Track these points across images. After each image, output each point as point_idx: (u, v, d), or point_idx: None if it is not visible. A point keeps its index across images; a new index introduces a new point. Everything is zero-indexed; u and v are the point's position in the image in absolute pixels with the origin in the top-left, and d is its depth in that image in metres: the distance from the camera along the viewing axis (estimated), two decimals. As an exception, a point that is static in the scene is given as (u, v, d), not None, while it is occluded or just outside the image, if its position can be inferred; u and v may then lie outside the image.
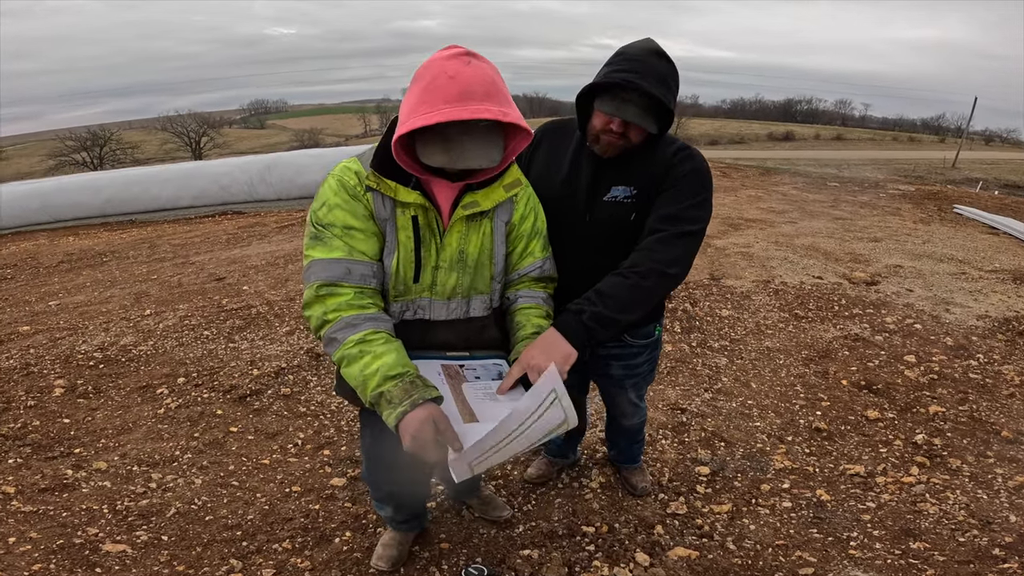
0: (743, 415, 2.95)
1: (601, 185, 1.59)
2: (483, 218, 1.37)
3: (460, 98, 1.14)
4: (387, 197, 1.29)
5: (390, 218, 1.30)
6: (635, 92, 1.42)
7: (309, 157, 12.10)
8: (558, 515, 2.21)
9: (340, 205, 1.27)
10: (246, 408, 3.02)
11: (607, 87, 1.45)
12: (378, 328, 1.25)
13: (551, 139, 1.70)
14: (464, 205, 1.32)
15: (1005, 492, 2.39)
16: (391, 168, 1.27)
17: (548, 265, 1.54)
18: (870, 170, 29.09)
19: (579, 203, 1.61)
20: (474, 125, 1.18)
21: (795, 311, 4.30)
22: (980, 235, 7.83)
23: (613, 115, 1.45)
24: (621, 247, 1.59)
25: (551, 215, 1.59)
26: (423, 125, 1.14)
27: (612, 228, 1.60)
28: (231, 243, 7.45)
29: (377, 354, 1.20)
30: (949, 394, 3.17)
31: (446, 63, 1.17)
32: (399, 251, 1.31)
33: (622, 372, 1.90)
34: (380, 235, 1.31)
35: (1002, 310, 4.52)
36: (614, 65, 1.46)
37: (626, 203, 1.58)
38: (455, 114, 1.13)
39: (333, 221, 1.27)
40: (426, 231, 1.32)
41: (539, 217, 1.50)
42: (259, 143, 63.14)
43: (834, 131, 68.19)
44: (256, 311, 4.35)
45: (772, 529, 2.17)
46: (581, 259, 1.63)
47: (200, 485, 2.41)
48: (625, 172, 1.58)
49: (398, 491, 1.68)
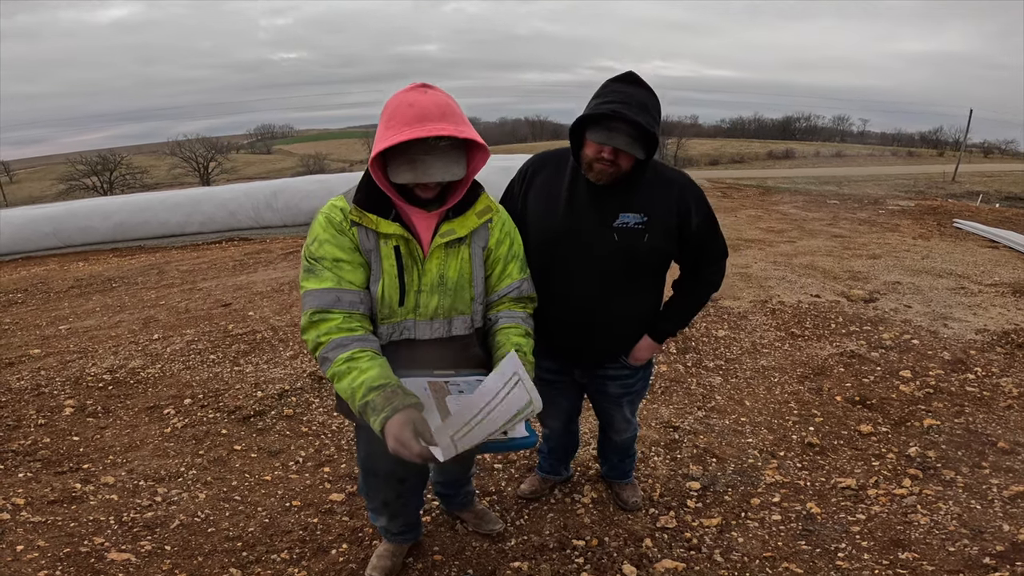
0: (736, 432, 2.99)
1: (607, 213, 1.67)
2: (461, 244, 1.48)
3: (419, 120, 1.29)
4: (370, 230, 1.41)
5: (374, 249, 1.42)
6: (622, 121, 1.53)
7: (314, 183, 12.25)
8: (549, 529, 2.26)
9: (328, 240, 1.41)
10: (250, 428, 3.10)
11: (597, 118, 1.56)
12: (365, 347, 1.36)
13: (544, 172, 1.77)
14: (442, 233, 1.44)
15: (999, 502, 2.40)
16: (372, 203, 1.41)
17: (526, 286, 1.63)
18: (870, 186, 29.21)
19: (588, 232, 1.68)
20: (434, 144, 1.32)
21: (791, 330, 4.34)
22: (980, 249, 7.85)
23: (604, 144, 1.56)
24: (633, 271, 1.72)
25: (558, 245, 1.69)
26: (388, 146, 1.29)
27: (626, 253, 1.69)
28: (237, 269, 7.58)
29: (363, 369, 1.32)
30: (945, 407, 3.20)
31: (406, 94, 1.34)
32: (384, 278, 1.43)
33: (619, 390, 1.99)
34: (366, 265, 1.44)
35: (1001, 323, 4.54)
36: (601, 97, 1.58)
37: (637, 229, 1.67)
38: (414, 133, 1.28)
39: (323, 255, 1.40)
40: (408, 259, 1.44)
41: (515, 241, 1.61)
42: (266, 168, 64.00)
43: (834, 147, 68.45)
44: (261, 336, 4.44)
45: (760, 541, 2.20)
46: (590, 286, 1.72)
47: (204, 499, 2.48)
48: (630, 200, 1.67)
49: (392, 500, 1.77)
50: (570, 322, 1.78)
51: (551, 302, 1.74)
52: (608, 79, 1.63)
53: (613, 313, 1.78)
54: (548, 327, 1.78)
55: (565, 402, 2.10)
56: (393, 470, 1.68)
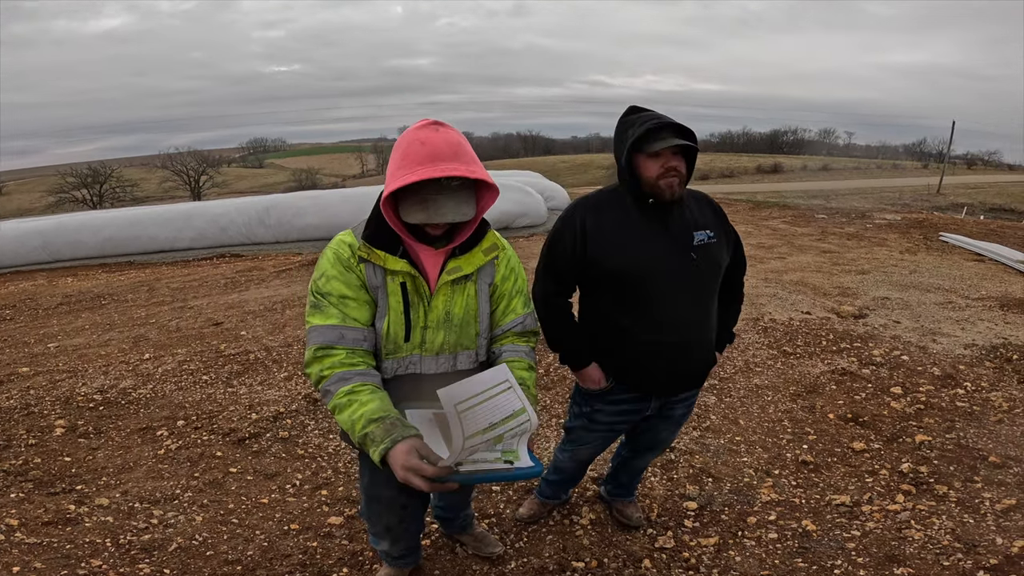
0: (731, 451, 3.01)
1: (683, 235, 1.72)
2: (467, 281, 1.51)
3: (431, 159, 1.31)
4: (378, 266, 1.43)
5: (381, 285, 1.44)
6: (668, 129, 1.62)
7: (306, 199, 12.27)
8: (549, 551, 2.26)
9: (336, 276, 1.42)
10: (245, 450, 3.08)
11: (644, 138, 1.62)
12: (366, 381, 1.39)
13: (602, 215, 1.76)
14: (448, 271, 1.47)
15: (992, 515, 2.44)
16: (381, 239, 1.43)
17: (529, 320, 1.66)
18: (857, 200, 29.60)
19: (674, 257, 1.71)
20: (446, 184, 1.34)
21: (783, 348, 4.38)
22: (966, 263, 7.97)
23: (663, 149, 1.61)
24: (714, 284, 1.81)
25: (649, 278, 1.71)
26: (401, 186, 1.31)
27: (712, 269, 1.77)
28: (229, 288, 7.54)
29: (363, 402, 1.34)
30: (936, 423, 3.24)
31: (418, 132, 1.35)
32: (389, 314, 1.44)
33: (683, 411, 2.04)
34: (372, 303, 1.45)
35: (989, 338, 4.61)
36: (634, 125, 1.64)
37: (712, 243, 1.76)
38: (427, 173, 1.29)
39: (330, 291, 1.42)
40: (414, 296, 1.46)
41: (520, 277, 1.64)
42: (258, 182, 63.85)
43: (821, 161, 69.23)
44: (254, 356, 4.42)
45: (757, 560, 2.22)
46: (684, 307, 1.76)
47: (201, 522, 2.47)
48: (694, 219, 1.75)
49: (395, 525, 1.78)
50: (665, 346, 1.78)
51: (644, 331, 1.76)
52: (623, 114, 1.72)
53: (704, 327, 1.83)
54: (639, 359, 1.80)
55: (614, 438, 2.13)
56: (396, 496, 1.70)
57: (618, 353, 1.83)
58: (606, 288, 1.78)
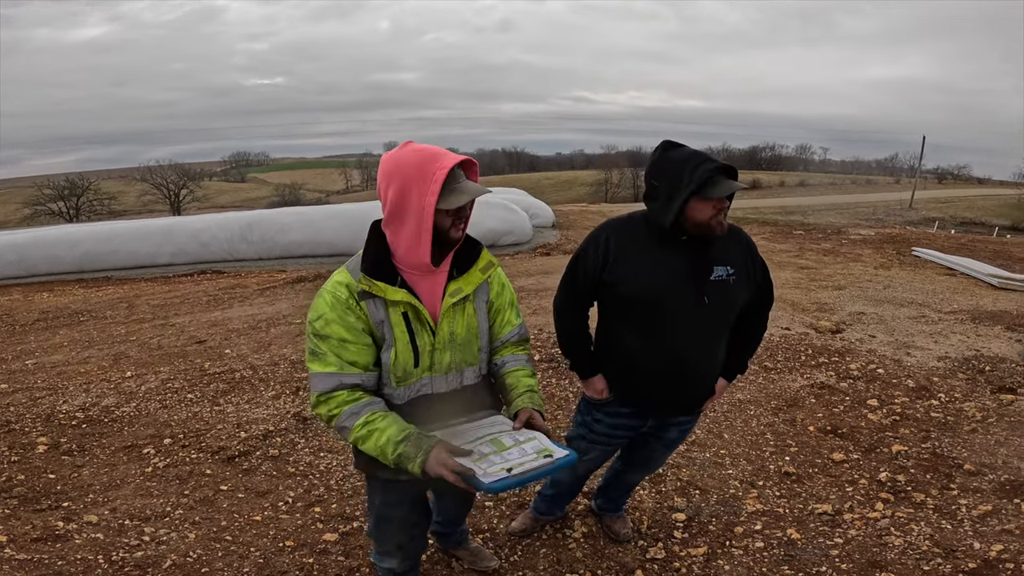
0: (716, 464, 3.08)
1: (702, 269, 1.77)
2: (466, 302, 1.57)
3: (435, 156, 1.40)
4: (379, 299, 1.47)
5: (385, 318, 1.48)
6: (724, 173, 1.69)
7: (291, 215, 12.18)
8: (543, 564, 2.30)
9: (335, 320, 1.45)
10: (235, 468, 3.06)
11: (706, 183, 1.67)
12: (375, 410, 1.46)
13: (626, 238, 1.83)
14: (451, 293, 1.53)
15: (969, 521, 2.53)
16: (380, 271, 1.46)
17: (524, 329, 1.74)
18: (833, 215, 30.32)
19: (689, 289, 1.77)
20: (457, 169, 1.44)
21: (765, 363, 4.48)
22: (938, 277, 8.23)
23: (722, 196, 1.68)
24: (725, 320, 1.85)
25: (662, 304, 1.77)
26: (445, 174, 1.38)
27: (725, 305, 1.82)
28: (211, 305, 7.46)
29: (382, 429, 1.43)
30: (911, 433, 3.35)
31: (402, 152, 1.43)
32: (396, 345, 1.49)
33: (678, 434, 2.11)
34: (373, 345, 1.49)
35: (962, 350, 4.77)
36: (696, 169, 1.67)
37: (731, 281, 1.79)
38: (452, 160, 1.40)
39: (329, 334, 1.45)
40: (416, 323, 1.50)
41: (510, 289, 1.72)
42: (239, 197, 63.13)
43: (798, 177, 70.72)
44: (240, 375, 4.40)
45: (745, 568, 2.28)
46: (700, 338, 1.82)
47: (194, 539, 2.46)
48: (717, 254, 1.79)
49: (406, 543, 1.82)
50: (666, 373, 1.85)
51: (649, 356, 1.83)
52: (662, 151, 1.77)
53: (707, 361, 1.89)
54: (639, 379, 1.89)
55: (612, 453, 2.19)
56: (408, 515, 1.75)
57: (622, 370, 1.92)
58: (619, 309, 1.86)
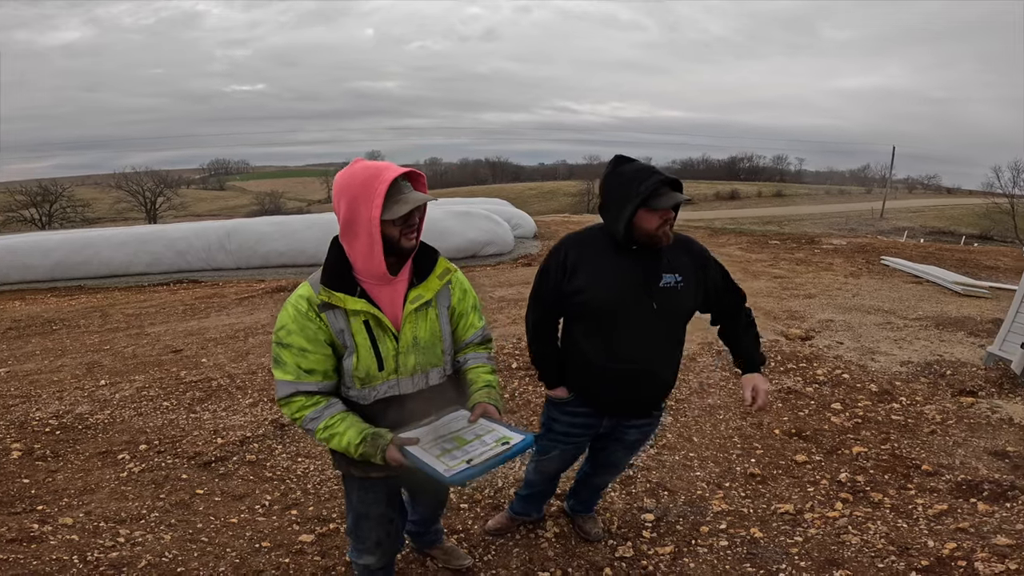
0: (685, 466, 3.18)
1: (652, 278, 1.89)
2: (428, 307, 1.67)
3: (380, 169, 1.49)
4: (339, 309, 1.56)
5: (346, 327, 1.57)
6: (670, 185, 1.82)
7: (271, 225, 12.06)
8: (516, 563, 2.37)
9: (296, 331, 1.55)
10: (211, 473, 3.08)
11: (652, 194, 1.78)
12: (334, 413, 1.58)
13: (584, 251, 1.95)
14: (411, 300, 1.62)
15: (924, 520, 2.64)
16: (339, 282, 1.55)
17: (486, 331, 1.85)
18: (807, 225, 31.00)
19: (639, 296, 1.89)
20: (402, 181, 1.53)
21: (735, 370, 4.59)
22: (905, 285, 8.48)
23: (668, 208, 1.80)
24: (675, 325, 1.98)
25: (617, 311, 1.89)
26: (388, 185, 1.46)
27: (674, 310, 1.93)
28: (188, 314, 7.41)
29: (341, 432, 1.56)
30: (872, 435, 3.48)
31: (352, 169, 1.52)
32: (358, 351, 1.58)
33: (637, 436, 2.20)
34: (332, 355, 1.59)
35: (924, 355, 4.95)
36: (643, 181, 1.79)
37: (678, 288, 1.91)
38: (395, 172, 1.49)
39: (290, 343, 1.55)
40: (378, 330, 1.59)
41: (472, 295, 1.81)
42: (218, 205, 62.25)
43: (774, 187, 72.00)
44: (217, 383, 4.40)
45: (710, 566, 2.37)
46: (649, 342, 1.94)
47: (170, 540, 2.48)
48: (665, 263, 1.91)
49: (384, 539, 1.89)
50: (619, 375, 1.96)
51: (605, 359, 1.95)
52: (615, 165, 1.89)
53: (658, 364, 2.00)
54: (594, 381, 2.00)
55: (579, 451, 2.28)
56: (385, 512, 1.83)
57: (578, 372, 2.03)
58: (576, 315, 1.98)
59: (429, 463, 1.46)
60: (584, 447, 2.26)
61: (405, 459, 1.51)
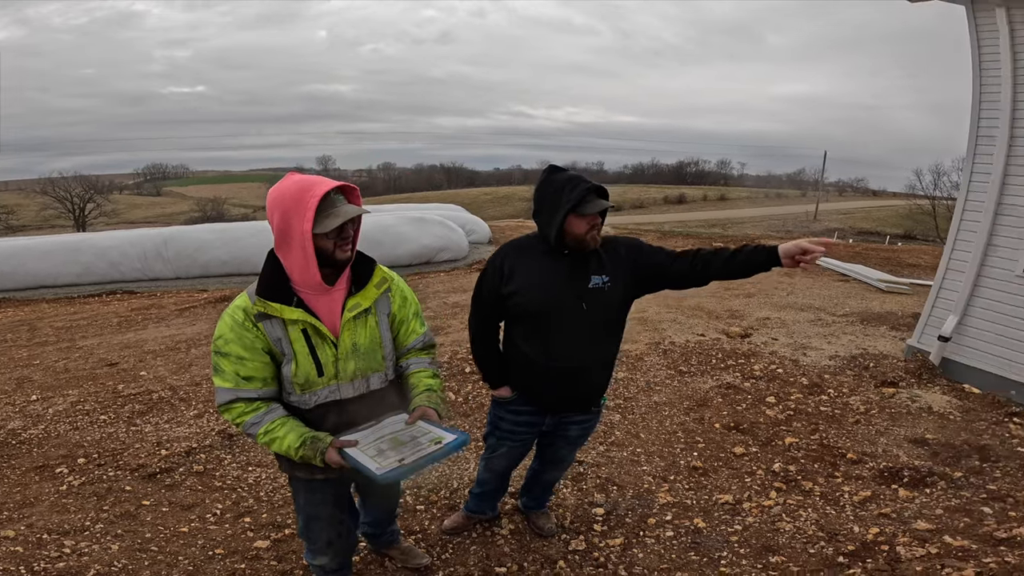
0: (632, 462, 3.32)
1: (582, 279, 2.01)
2: (367, 315, 1.72)
3: (311, 184, 1.53)
4: (276, 319, 1.59)
5: (284, 336, 1.61)
6: (596, 192, 1.95)
7: (211, 232, 11.67)
8: (473, 560, 2.43)
9: (233, 340, 1.59)
10: (157, 484, 3.02)
11: (581, 202, 1.91)
12: (274, 418, 1.63)
13: (520, 258, 2.06)
14: (349, 308, 1.67)
15: (850, 507, 2.84)
16: (275, 293, 1.59)
17: (428, 336, 1.92)
18: (749, 227, 32.36)
19: (572, 298, 2.00)
20: (335, 194, 1.57)
21: (680, 368, 4.82)
22: (834, 283, 9.00)
23: (594, 213, 1.92)
24: (608, 322, 2.08)
25: (552, 313, 2.00)
26: (319, 199, 1.50)
27: (602, 308, 2.04)
28: (123, 326, 7.11)
29: (281, 437, 1.61)
30: (803, 426, 3.72)
31: (284, 184, 1.56)
32: (296, 358, 1.62)
33: (579, 432, 2.30)
34: (270, 363, 1.63)
35: (850, 349, 5.29)
36: (567, 188, 1.92)
37: (606, 288, 2.02)
38: (327, 186, 1.52)
39: (228, 352, 1.59)
40: (316, 338, 1.63)
41: (413, 302, 1.87)
42: (154, 212, 59.28)
43: (718, 191, 74.71)
44: (158, 396, 4.29)
45: (657, 555, 2.50)
46: (582, 340, 2.04)
47: (118, 550, 2.44)
48: (593, 265, 2.02)
49: (335, 539, 1.92)
50: (556, 373, 2.06)
51: (544, 358, 2.05)
52: (547, 174, 2.01)
53: (592, 361, 2.10)
54: (538, 381, 2.11)
55: (526, 448, 2.37)
56: (334, 513, 1.86)
57: (520, 372, 2.14)
58: (515, 318, 2.09)
59: (363, 463, 1.52)
60: (530, 444, 2.35)
61: (344, 461, 1.56)
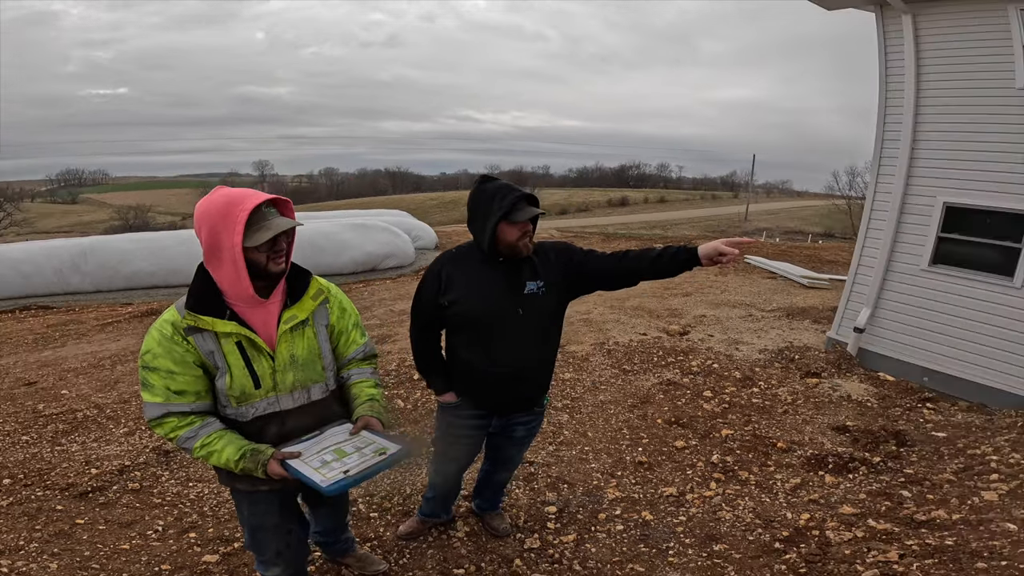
0: (581, 460, 3.43)
1: (518, 286, 2.07)
2: (304, 326, 1.71)
3: (242, 196, 1.51)
4: (208, 332, 1.56)
5: (216, 349, 1.57)
6: (524, 200, 2.01)
7: (133, 242, 11.04)
8: (431, 563, 2.46)
9: (161, 354, 1.54)
10: (90, 503, 2.91)
11: (512, 210, 1.97)
12: (210, 432, 1.60)
13: (458, 267, 2.11)
14: (285, 320, 1.65)
15: (783, 494, 3.03)
16: (206, 306, 1.56)
17: (370, 346, 1.93)
18: (686, 228, 33.60)
19: (509, 304, 2.06)
20: (266, 207, 1.55)
21: (623, 366, 4.99)
22: (763, 280, 9.54)
23: (525, 220, 1.99)
24: (544, 325, 2.14)
25: (490, 319, 2.05)
26: (248, 213, 1.48)
27: (538, 313, 2.11)
28: (40, 344, 6.68)
29: (219, 450, 1.59)
30: (737, 418, 3.94)
31: (211, 198, 1.54)
32: (231, 371, 1.59)
33: (524, 433, 2.37)
34: (203, 375, 1.60)
35: (778, 343, 5.64)
36: (498, 197, 1.98)
37: (540, 293, 2.09)
38: (257, 199, 1.51)
39: (157, 366, 1.55)
40: (252, 350, 1.61)
41: (353, 312, 1.88)
42: (70, 220, 55.28)
43: (658, 194, 77.30)
44: (83, 415, 4.08)
45: (609, 549, 2.61)
46: (522, 345, 2.10)
47: (56, 569, 2.34)
48: (527, 272, 2.09)
49: (284, 549, 1.89)
50: (498, 377, 2.12)
51: (486, 364, 2.10)
52: (479, 183, 2.08)
53: (531, 364, 2.16)
54: (481, 385, 2.16)
55: (474, 450, 2.40)
56: (280, 523, 1.83)
57: (463, 378, 2.20)
58: (455, 326, 2.16)
59: (308, 475, 1.52)
60: (479, 446, 2.40)
61: (287, 472, 1.55)
